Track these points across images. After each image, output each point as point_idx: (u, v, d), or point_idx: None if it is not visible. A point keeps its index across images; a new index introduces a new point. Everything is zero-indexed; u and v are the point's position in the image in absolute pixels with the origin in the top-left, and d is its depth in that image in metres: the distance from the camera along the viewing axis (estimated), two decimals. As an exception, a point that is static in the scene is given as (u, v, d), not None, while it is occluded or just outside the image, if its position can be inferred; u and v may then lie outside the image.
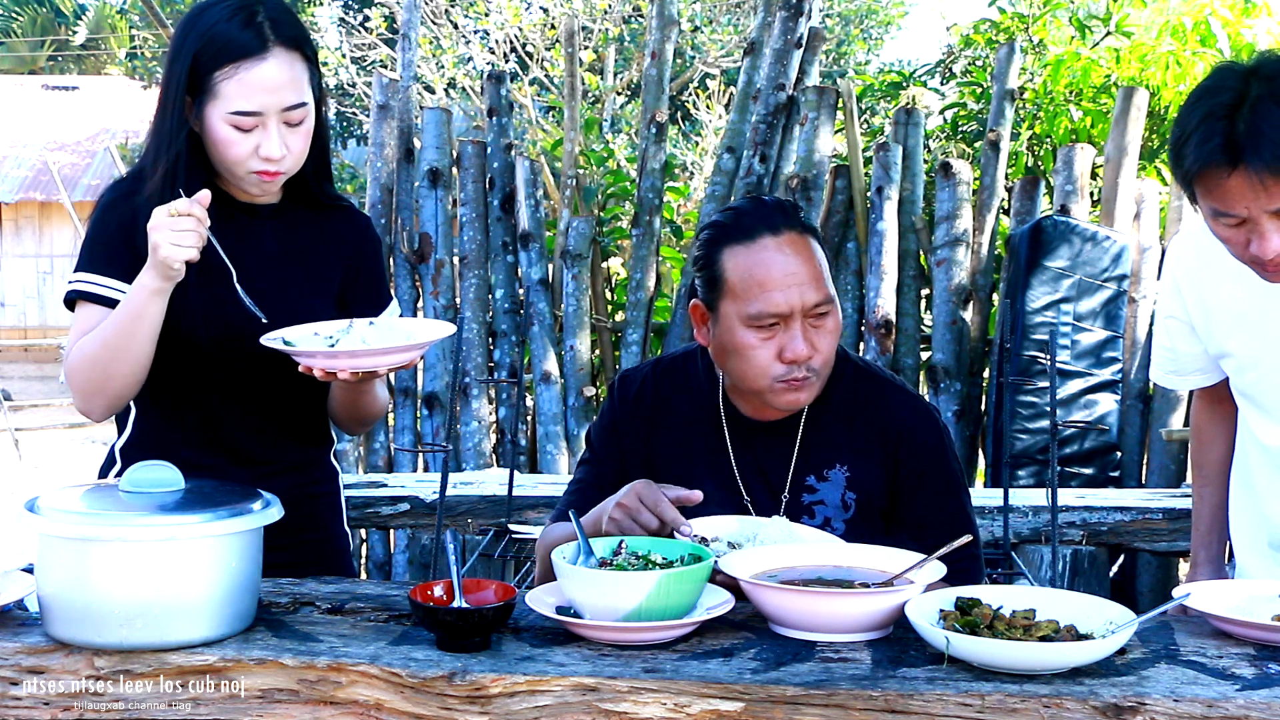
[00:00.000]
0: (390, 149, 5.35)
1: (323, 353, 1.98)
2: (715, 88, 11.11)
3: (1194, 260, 2.14)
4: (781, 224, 2.03)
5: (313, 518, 2.26)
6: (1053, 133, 5.77)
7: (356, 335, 2.07)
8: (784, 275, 1.99)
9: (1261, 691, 1.51)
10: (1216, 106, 1.79)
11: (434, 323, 2.22)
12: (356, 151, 14.89)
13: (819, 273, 2.02)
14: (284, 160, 2.05)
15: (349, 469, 5.16)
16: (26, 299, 18.92)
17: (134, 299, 2.00)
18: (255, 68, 1.99)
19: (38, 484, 7.12)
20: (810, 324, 2.01)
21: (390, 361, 2.00)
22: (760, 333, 2.00)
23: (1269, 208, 1.78)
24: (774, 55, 5.21)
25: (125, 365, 2.03)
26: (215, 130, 2.02)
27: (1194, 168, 1.81)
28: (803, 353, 1.99)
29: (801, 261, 2.00)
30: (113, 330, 2.02)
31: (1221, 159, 1.77)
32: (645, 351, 5.21)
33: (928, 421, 2.15)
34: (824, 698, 1.51)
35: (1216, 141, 1.77)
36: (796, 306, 1.98)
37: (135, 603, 1.63)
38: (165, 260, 1.93)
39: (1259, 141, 1.74)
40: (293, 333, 2.05)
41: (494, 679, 1.56)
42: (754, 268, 2.00)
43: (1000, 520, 3.40)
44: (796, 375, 2.00)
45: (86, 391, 2.08)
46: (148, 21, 17.23)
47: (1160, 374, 2.31)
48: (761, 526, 2.03)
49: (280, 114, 2.02)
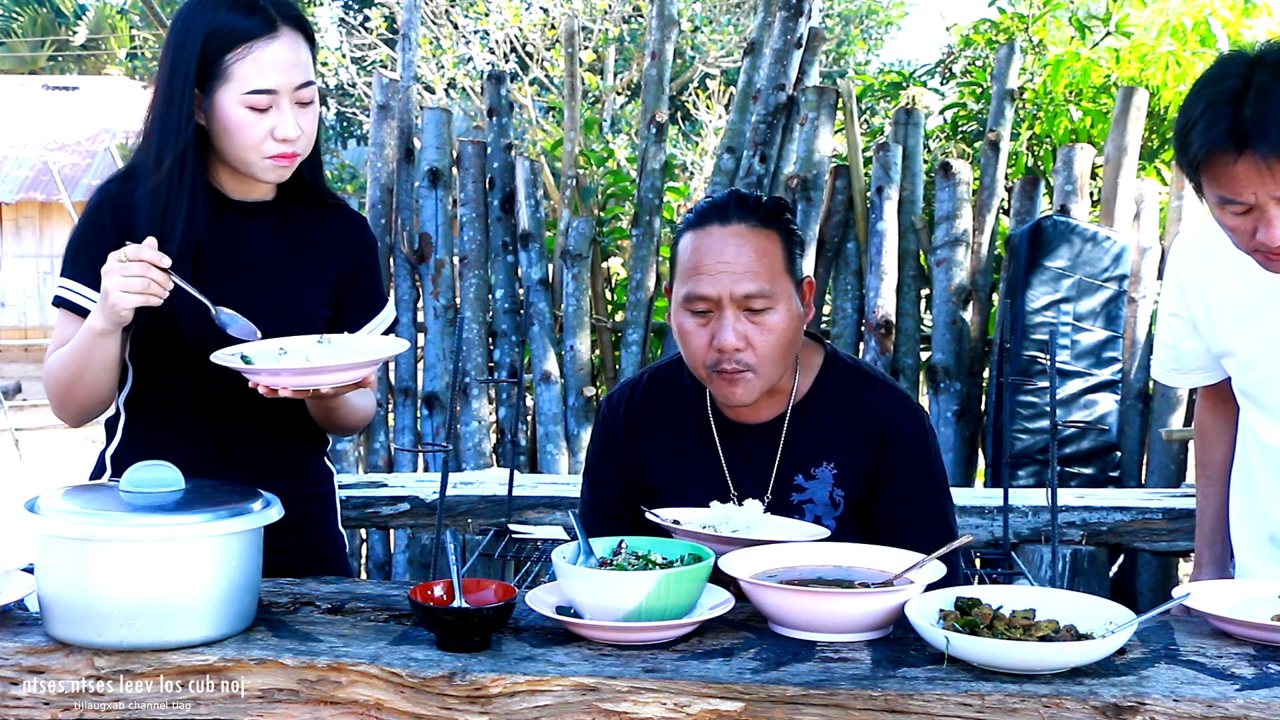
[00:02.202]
0: (390, 149, 5.35)
1: (266, 370, 1.95)
2: (715, 88, 11.11)
3: (1196, 258, 2.14)
4: (734, 215, 2.06)
5: (308, 520, 2.25)
6: (1053, 133, 5.76)
7: (300, 353, 2.04)
8: (716, 262, 2.02)
9: (1261, 691, 1.51)
10: (1221, 93, 1.79)
11: (387, 340, 2.18)
12: (356, 151, 14.89)
13: (758, 267, 2.02)
14: (298, 141, 2.05)
15: (349, 469, 5.16)
16: (26, 299, 18.92)
17: (84, 336, 2.01)
18: (267, 46, 2.00)
19: (38, 484, 7.12)
20: (747, 317, 2.02)
21: (334, 379, 1.97)
22: (695, 318, 2.04)
23: (1276, 193, 1.78)
24: (774, 55, 5.21)
25: (85, 389, 2.07)
26: (229, 115, 2.02)
27: (1200, 153, 1.81)
28: (728, 343, 2.01)
29: (740, 253, 2.03)
30: (69, 357, 2.04)
31: (1228, 144, 1.77)
32: (645, 351, 5.21)
33: (912, 418, 2.15)
34: (824, 698, 1.51)
35: (1222, 127, 1.77)
36: (725, 294, 2.01)
37: (135, 603, 1.63)
38: (113, 306, 1.93)
39: (1265, 126, 1.75)
40: (254, 348, 2.02)
41: (494, 679, 1.56)
42: (693, 252, 2.05)
43: (1000, 520, 3.40)
44: (726, 366, 2.03)
45: (57, 402, 2.12)
46: (148, 21, 17.23)
47: (1162, 371, 2.31)
48: (734, 511, 2.04)
49: (293, 93, 2.03)
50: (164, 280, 1.93)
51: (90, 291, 2.07)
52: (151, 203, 2.05)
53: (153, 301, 1.93)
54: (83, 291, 2.08)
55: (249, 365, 1.97)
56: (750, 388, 2.05)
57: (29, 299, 18.88)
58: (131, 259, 1.91)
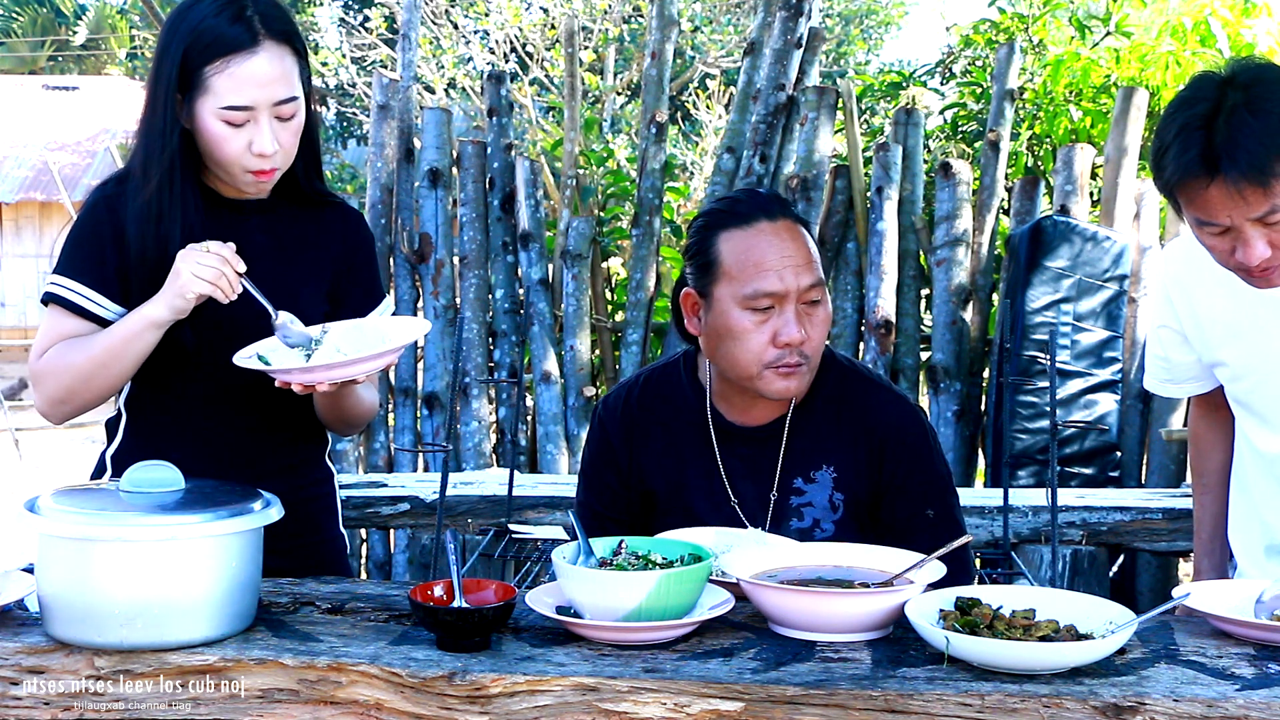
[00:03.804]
0: (390, 149, 5.35)
1: (298, 369, 1.96)
2: (715, 88, 11.12)
3: (1184, 270, 2.13)
4: (778, 211, 2.08)
5: (309, 520, 2.24)
6: (1053, 133, 5.76)
7: (330, 346, 2.05)
8: (780, 257, 2.03)
9: (1261, 691, 1.51)
10: (1193, 118, 1.79)
11: (409, 321, 2.19)
12: (356, 151, 14.89)
13: (812, 259, 2.06)
14: (276, 155, 2.04)
15: (349, 469, 5.16)
16: (26, 299, 18.92)
17: (132, 325, 2.01)
18: (246, 62, 1.98)
19: (38, 484, 7.12)
20: (803, 309, 2.03)
21: (367, 369, 1.99)
22: (755, 315, 2.03)
23: (1250, 215, 1.79)
24: (774, 55, 5.21)
25: (105, 381, 2.05)
26: (207, 127, 2.01)
27: (1174, 179, 1.82)
28: (796, 336, 2.01)
29: (796, 246, 2.04)
30: (101, 349, 2.03)
31: (1199, 170, 1.78)
32: (645, 351, 5.21)
33: (912, 420, 2.15)
34: (824, 698, 1.51)
35: (1194, 153, 1.78)
36: (792, 288, 2.02)
37: (135, 603, 1.63)
38: (183, 286, 1.95)
39: (1235, 152, 1.75)
40: (267, 346, 2.03)
41: (494, 679, 1.56)
42: (751, 250, 2.04)
43: (1000, 520, 3.40)
44: (789, 360, 2.03)
45: (55, 398, 2.09)
46: (148, 21, 17.23)
47: (1155, 383, 2.30)
48: (738, 538, 2.04)
49: (271, 108, 2.01)
50: (235, 280, 1.96)
51: (86, 290, 2.07)
52: (144, 213, 2.05)
53: (219, 295, 1.96)
54: (76, 289, 2.08)
55: (268, 367, 1.97)
56: (804, 380, 2.06)
57: (29, 299, 18.88)
58: (211, 250, 1.95)
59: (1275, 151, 1.75)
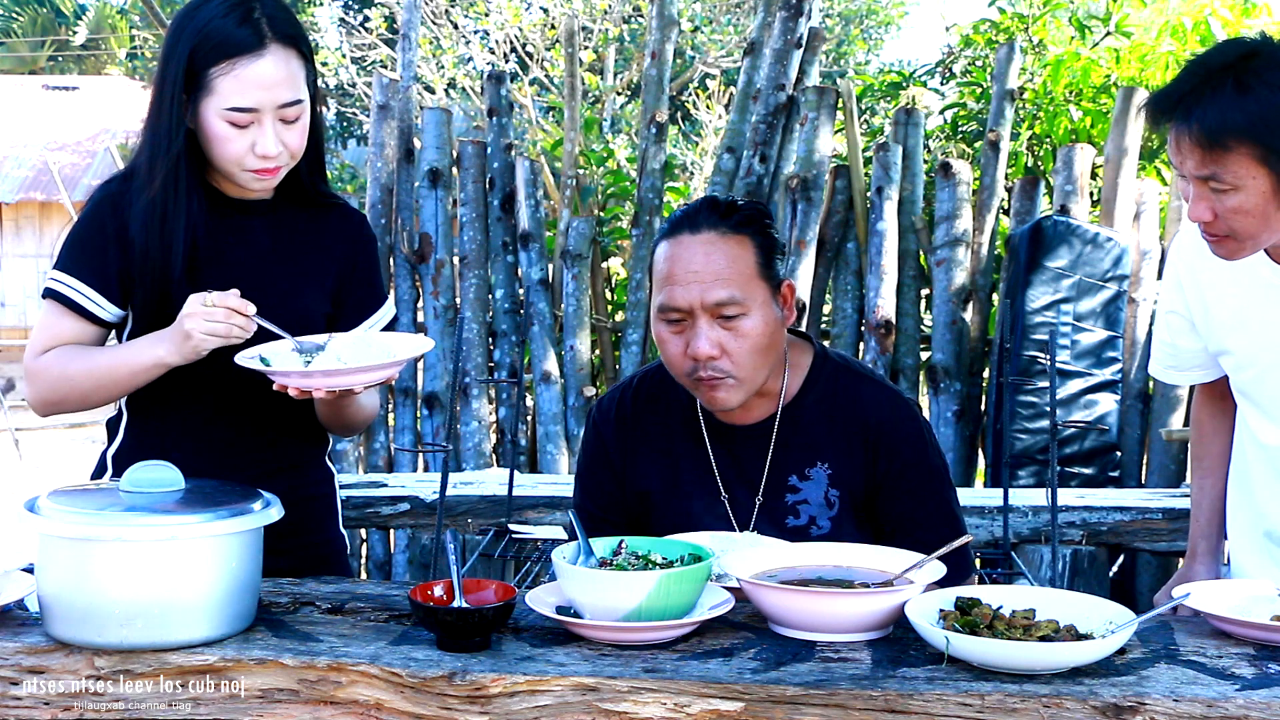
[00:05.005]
0: (390, 149, 5.35)
1: (297, 373, 1.96)
2: (715, 88, 11.11)
3: (1195, 257, 2.14)
4: (704, 223, 2.05)
5: (309, 521, 2.25)
6: (1053, 133, 5.76)
7: (331, 354, 2.05)
8: (686, 272, 2.02)
9: (1261, 691, 1.51)
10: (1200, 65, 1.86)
11: (413, 338, 2.19)
12: (356, 151, 14.89)
13: (729, 275, 2.02)
14: (280, 157, 2.04)
15: (349, 469, 5.16)
16: (26, 299, 18.91)
17: (139, 358, 2.01)
18: (252, 64, 1.98)
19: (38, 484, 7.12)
20: (720, 325, 2.02)
21: (365, 380, 1.99)
22: (670, 327, 2.05)
23: (1194, 173, 1.84)
24: (774, 55, 5.21)
25: (100, 397, 2.08)
26: (211, 127, 2.01)
27: (1150, 102, 1.89)
28: (702, 351, 2.01)
29: (710, 261, 2.02)
30: (104, 370, 2.04)
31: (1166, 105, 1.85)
32: (645, 351, 5.21)
33: (905, 413, 2.15)
34: (824, 698, 1.51)
35: (1174, 91, 1.85)
36: (695, 303, 2.01)
37: (135, 603, 1.63)
38: (195, 347, 1.96)
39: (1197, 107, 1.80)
40: (270, 347, 2.03)
41: (494, 679, 1.56)
42: (665, 262, 2.06)
43: (1000, 520, 3.40)
44: (703, 374, 2.03)
45: (48, 400, 2.10)
46: (148, 21, 17.23)
47: (1159, 369, 2.31)
48: (732, 542, 2.04)
49: (276, 111, 2.01)
50: (246, 324, 1.96)
51: (86, 289, 2.08)
52: (148, 213, 2.05)
53: (234, 342, 1.97)
54: (77, 286, 2.08)
55: (267, 368, 1.98)
56: (732, 393, 2.05)
57: (29, 299, 18.87)
58: (217, 304, 1.94)
59: (1233, 129, 1.79)
